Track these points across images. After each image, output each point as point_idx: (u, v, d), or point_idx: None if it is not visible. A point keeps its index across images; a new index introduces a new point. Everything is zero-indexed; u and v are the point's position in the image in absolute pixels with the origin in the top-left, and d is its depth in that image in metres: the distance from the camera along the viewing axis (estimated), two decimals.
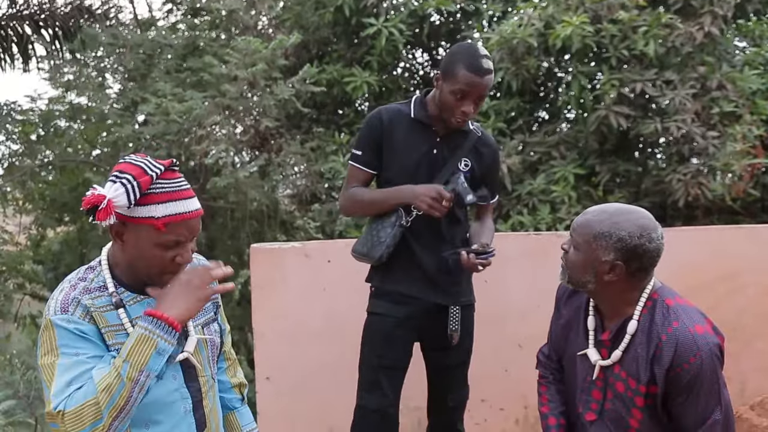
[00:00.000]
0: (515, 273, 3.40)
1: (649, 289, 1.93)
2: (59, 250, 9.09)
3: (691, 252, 3.48)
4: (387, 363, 2.64)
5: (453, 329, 2.64)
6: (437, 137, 2.61)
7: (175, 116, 6.52)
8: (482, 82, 2.47)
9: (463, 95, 2.48)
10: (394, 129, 2.61)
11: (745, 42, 6.89)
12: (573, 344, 2.08)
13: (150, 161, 1.60)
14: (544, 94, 7.05)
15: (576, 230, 1.94)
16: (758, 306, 3.56)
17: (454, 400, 2.77)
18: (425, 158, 2.59)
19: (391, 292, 2.65)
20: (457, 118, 2.53)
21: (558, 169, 6.04)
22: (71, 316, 1.55)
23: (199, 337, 1.73)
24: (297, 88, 6.55)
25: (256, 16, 7.81)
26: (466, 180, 2.60)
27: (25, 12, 8.37)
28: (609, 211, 1.91)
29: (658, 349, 1.86)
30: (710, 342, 1.84)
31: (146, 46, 7.61)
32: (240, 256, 6.92)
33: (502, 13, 7.04)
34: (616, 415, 1.97)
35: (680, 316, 1.87)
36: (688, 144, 5.88)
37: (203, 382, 1.74)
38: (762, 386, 3.51)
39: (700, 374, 1.82)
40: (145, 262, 1.60)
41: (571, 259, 1.94)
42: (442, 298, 2.64)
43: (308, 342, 3.31)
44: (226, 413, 1.95)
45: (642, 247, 1.86)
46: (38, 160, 8.40)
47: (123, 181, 1.53)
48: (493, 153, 2.73)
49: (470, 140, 2.65)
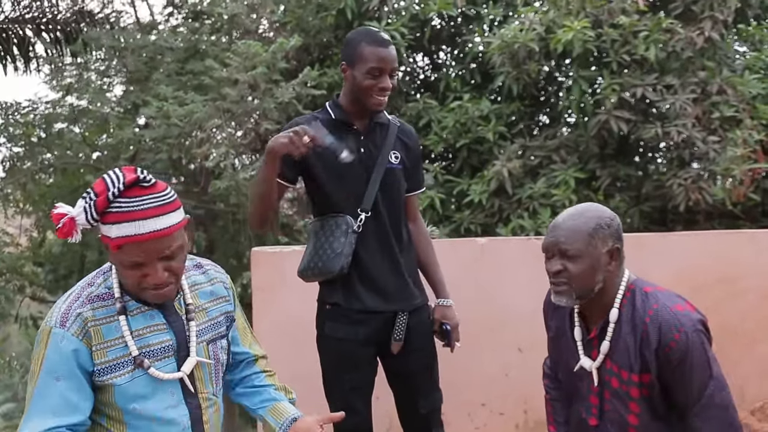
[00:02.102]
0: (515, 277, 3.40)
1: (626, 280, 1.97)
2: (59, 252, 9.10)
3: (691, 256, 3.48)
4: (355, 384, 2.54)
5: (396, 338, 2.52)
6: (360, 136, 2.53)
7: (176, 120, 6.53)
8: (390, 52, 2.45)
9: (378, 72, 2.43)
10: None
11: (746, 47, 6.91)
12: (566, 356, 2.09)
13: (115, 178, 1.52)
14: (544, 99, 7.06)
15: (561, 244, 1.91)
16: (759, 310, 3.56)
17: (425, 406, 2.62)
18: (354, 159, 2.47)
19: (348, 312, 2.52)
20: (377, 96, 2.46)
21: (558, 173, 6.04)
22: (66, 332, 1.55)
23: (198, 360, 1.69)
24: (297, 91, 6.56)
25: (258, 20, 7.82)
26: (401, 172, 2.56)
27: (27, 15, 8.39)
28: (573, 213, 1.96)
29: (644, 333, 1.88)
30: (693, 318, 1.88)
31: (148, 49, 7.62)
32: (240, 259, 6.93)
33: (503, 18, 7.05)
34: (616, 416, 1.98)
35: (659, 299, 1.91)
36: (688, 148, 5.89)
37: (203, 398, 1.72)
38: (763, 391, 3.51)
39: (688, 349, 1.84)
40: (123, 278, 1.60)
41: (573, 273, 1.90)
42: (396, 305, 2.54)
43: (309, 345, 3.30)
44: (269, 405, 1.91)
45: (618, 224, 1.95)
46: (39, 162, 8.40)
47: (86, 198, 1.52)
48: (415, 141, 2.66)
49: (392, 132, 2.57)
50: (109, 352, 1.58)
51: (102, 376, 1.57)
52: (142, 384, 1.60)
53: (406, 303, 2.55)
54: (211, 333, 1.75)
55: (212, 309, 1.77)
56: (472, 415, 3.40)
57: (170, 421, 1.65)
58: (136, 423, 1.61)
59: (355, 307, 2.51)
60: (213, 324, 1.76)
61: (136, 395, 1.60)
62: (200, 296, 1.76)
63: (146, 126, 7.46)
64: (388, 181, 2.53)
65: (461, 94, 6.62)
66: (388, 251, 2.53)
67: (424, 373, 2.62)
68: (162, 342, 1.64)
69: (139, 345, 1.60)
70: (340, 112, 2.53)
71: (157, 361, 1.62)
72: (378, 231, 2.51)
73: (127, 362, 1.59)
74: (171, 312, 1.67)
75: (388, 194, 2.53)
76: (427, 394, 2.63)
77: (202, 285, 1.78)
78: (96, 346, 1.57)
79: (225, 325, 1.80)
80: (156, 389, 1.62)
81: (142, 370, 1.60)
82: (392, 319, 2.54)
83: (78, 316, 1.56)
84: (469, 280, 3.31)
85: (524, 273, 3.40)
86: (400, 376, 2.63)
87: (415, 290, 2.59)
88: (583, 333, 2.02)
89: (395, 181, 2.55)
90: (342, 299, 2.53)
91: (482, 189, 6.13)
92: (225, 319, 1.80)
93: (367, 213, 2.48)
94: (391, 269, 2.54)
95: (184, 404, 1.67)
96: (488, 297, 3.35)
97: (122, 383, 1.58)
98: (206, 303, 1.76)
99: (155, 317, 1.64)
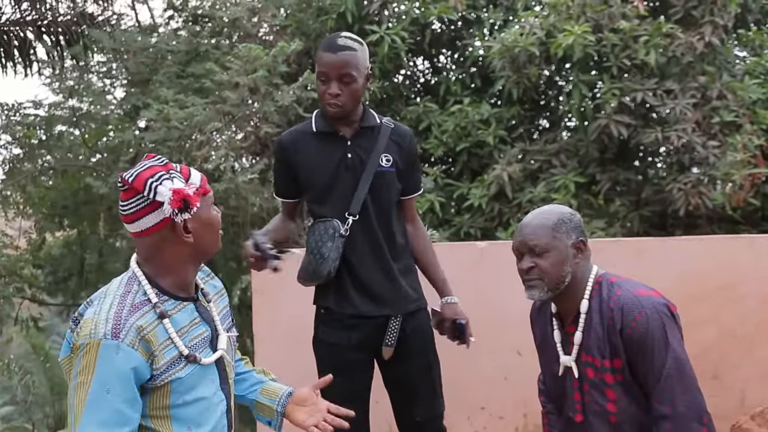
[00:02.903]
0: (514, 280, 3.37)
1: (594, 274, 2.06)
2: (59, 255, 9.09)
3: (691, 261, 3.48)
4: (350, 392, 2.45)
5: (387, 343, 2.49)
6: (347, 141, 2.50)
7: (176, 122, 6.54)
8: (336, 57, 2.39)
9: (325, 77, 2.41)
10: (299, 149, 2.51)
11: (746, 52, 6.93)
12: (549, 360, 2.16)
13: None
14: (545, 103, 7.07)
15: (529, 241, 2.04)
16: (758, 315, 3.56)
17: (422, 415, 2.57)
18: (341, 165, 2.48)
19: (340, 317, 2.52)
20: (327, 102, 2.43)
21: (558, 178, 6.04)
22: (120, 343, 1.54)
23: (229, 335, 1.76)
24: (298, 95, 6.56)
25: (258, 24, 7.83)
26: (393, 175, 2.53)
27: (28, 18, 8.41)
28: (536, 214, 2.10)
29: (610, 318, 1.97)
30: (655, 302, 1.95)
31: (149, 51, 7.63)
32: (240, 262, 6.91)
33: (503, 22, 7.07)
34: (596, 407, 2.02)
35: (623, 285, 2.02)
36: (688, 153, 5.90)
37: (231, 384, 1.77)
38: (763, 395, 3.50)
39: (648, 331, 1.91)
40: (215, 231, 1.71)
41: (544, 267, 2.02)
42: (389, 309, 2.51)
43: (308, 347, 3.30)
44: (258, 388, 1.95)
45: (579, 220, 2.08)
46: (39, 164, 8.41)
47: (172, 171, 1.62)
48: (410, 140, 2.61)
49: (383, 135, 2.52)
50: (165, 353, 1.60)
51: (159, 378, 1.59)
52: (195, 377, 1.64)
53: (399, 307, 2.52)
54: (226, 322, 1.81)
55: (219, 301, 1.83)
56: (472, 418, 3.40)
57: (212, 408, 1.68)
58: (181, 415, 1.63)
59: (347, 311, 2.51)
60: (224, 314, 1.82)
61: (189, 387, 1.63)
62: (209, 289, 1.82)
63: (147, 128, 7.46)
64: (378, 184, 2.50)
65: (461, 97, 6.63)
66: (378, 255, 2.51)
67: (421, 378, 2.58)
68: (201, 334, 1.69)
69: (185, 342, 1.64)
70: (323, 122, 2.52)
71: (199, 353, 1.67)
72: (368, 235, 2.50)
73: (179, 360, 1.62)
74: (199, 305, 1.73)
75: (377, 198, 2.51)
76: (425, 400, 2.58)
77: (205, 279, 1.84)
78: (155, 351, 1.58)
79: (231, 317, 1.86)
80: (202, 378, 1.66)
81: (195, 364, 1.64)
82: (386, 324, 2.51)
83: (132, 326, 1.56)
84: (469, 283, 3.31)
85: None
86: (395, 382, 2.60)
87: (410, 294, 2.56)
88: (562, 334, 2.10)
89: (385, 184, 2.52)
90: (333, 303, 2.53)
91: (482, 193, 6.13)
92: (229, 313, 1.86)
93: (354, 217, 2.47)
94: (382, 273, 2.52)
95: (221, 391, 1.72)
96: (488, 300, 3.35)
97: (183, 376, 1.62)
98: (214, 296, 1.81)
99: (192, 312, 1.68)
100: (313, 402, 1.91)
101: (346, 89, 2.41)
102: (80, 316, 1.64)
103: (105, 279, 6.97)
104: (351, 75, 2.41)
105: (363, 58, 2.46)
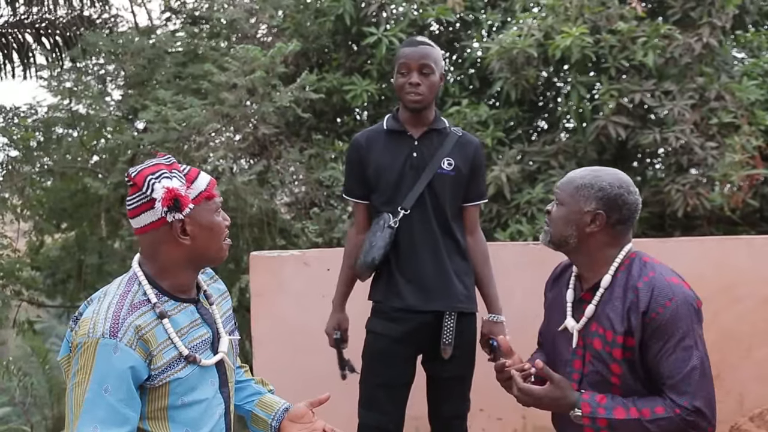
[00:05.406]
0: (514, 282, 3.40)
1: (627, 249, 2.01)
2: (57, 257, 9.07)
3: (689, 262, 3.48)
4: (384, 381, 2.61)
5: (446, 342, 2.57)
6: (414, 141, 2.64)
7: (175, 124, 6.53)
8: (417, 50, 2.58)
9: (406, 69, 2.58)
10: (372, 147, 2.67)
11: (744, 53, 6.92)
12: (554, 323, 2.13)
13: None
14: (543, 104, 7.07)
15: (559, 187, 2.05)
16: (757, 316, 3.56)
17: (448, 411, 2.71)
18: (407, 162, 2.62)
19: (387, 309, 2.63)
20: (407, 92, 2.58)
21: (557, 179, 6.02)
22: (118, 342, 1.54)
23: (230, 338, 1.77)
24: (296, 96, 6.56)
25: (256, 25, 7.83)
26: (453, 179, 2.64)
27: (26, 20, 8.41)
28: (591, 168, 2.06)
29: (635, 297, 1.92)
30: (687, 293, 1.91)
31: (146, 53, 7.62)
32: (238, 263, 6.91)
33: (501, 23, 7.06)
34: (597, 377, 1.99)
35: (657, 268, 1.97)
36: (686, 154, 5.89)
37: (231, 387, 1.78)
38: (761, 397, 3.50)
39: (675, 319, 1.86)
40: (216, 236, 1.67)
41: (554, 216, 2.03)
42: (438, 304, 2.60)
43: (307, 350, 3.30)
44: (255, 399, 1.94)
45: (621, 198, 1.97)
46: (37, 166, 8.39)
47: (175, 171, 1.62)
48: (476, 148, 2.73)
49: (450, 140, 2.66)
50: (164, 353, 1.61)
51: (157, 378, 1.59)
52: (194, 378, 1.65)
53: (449, 302, 2.61)
54: (229, 325, 1.82)
55: (222, 303, 1.84)
56: (471, 420, 3.40)
57: (211, 411, 1.69)
58: (179, 418, 1.63)
59: (395, 304, 2.61)
60: (227, 317, 1.82)
61: (188, 388, 1.64)
62: (212, 291, 1.82)
63: (145, 130, 7.45)
64: (437, 184, 2.62)
65: (459, 99, 6.62)
66: (433, 251, 2.60)
67: (456, 381, 2.69)
68: (201, 336, 1.70)
69: (185, 342, 1.64)
70: (394, 122, 2.68)
71: (199, 354, 1.68)
72: (425, 231, 2.60)
73: (178, 361, 1.63)
74: (201, 306, 1.73)
75: (436, 197, 2.62)
76: (453, 401, 2.70)
77: (208, 282, 1.84)
78: (153, 351, 1.59)
79: (233, 320, 1.86)
80: (202, 380, 1.67)
81: (194, 365, 1.64)
82: (435, 322, 2.59)
83: (130, 325, 1.56)
84: None
85: (522, 278, 3.40)
86: (434, 380, 2.71)
87: (461, 291, 2.64)
88: (575, 293, 2.07)
89: (444, 186, 2.63)
90: (382, 296, 2.64)
91: None
92: (232, 316, 1.87)
93: (406, 211, 2.57)
94: (435, 268, 2.60)
95: (220, 394, 1.72)
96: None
97: (182, 376, 1.62)
98: (217, 298, 1.82)
99: (193, 313, 1.68)
100: (309, 420, 1.89)
101: (425, 80, 2.57)
102: (80, 315, 1.64)
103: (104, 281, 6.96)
104: (430, 66, 2.58)
105: (439, 56, 2.65)
